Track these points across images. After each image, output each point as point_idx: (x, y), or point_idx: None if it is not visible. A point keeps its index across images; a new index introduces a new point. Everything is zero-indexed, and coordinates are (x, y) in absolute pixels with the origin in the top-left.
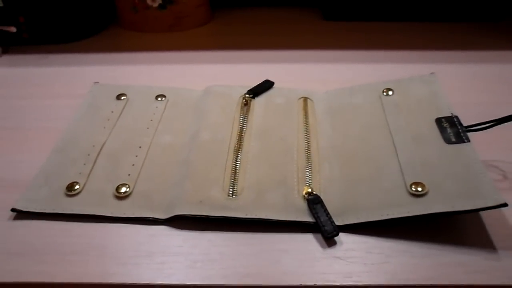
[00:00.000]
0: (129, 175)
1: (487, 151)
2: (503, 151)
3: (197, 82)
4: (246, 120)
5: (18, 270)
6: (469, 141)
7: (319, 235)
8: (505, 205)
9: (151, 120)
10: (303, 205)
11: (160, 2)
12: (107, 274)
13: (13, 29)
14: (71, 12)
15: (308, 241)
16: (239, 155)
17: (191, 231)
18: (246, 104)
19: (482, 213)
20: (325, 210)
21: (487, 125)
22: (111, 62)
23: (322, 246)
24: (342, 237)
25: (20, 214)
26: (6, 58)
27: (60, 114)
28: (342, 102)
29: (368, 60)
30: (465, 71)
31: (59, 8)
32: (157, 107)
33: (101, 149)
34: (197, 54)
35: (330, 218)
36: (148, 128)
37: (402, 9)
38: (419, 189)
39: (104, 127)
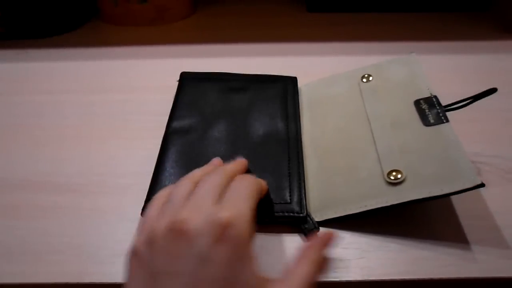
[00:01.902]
0: None
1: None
2: (477, 143)
3: (178, 76)
4: None
5: None
6: (448, 121)
7: (296, 232)
8: (482, 185)
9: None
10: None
11: None
12: (84, 274)
13: None
14: (51, 5)
15: (285, 238)
16: None
17: None
18: None
19: (456, 206)
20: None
21: (465, 102)
22: (92, 57)
23: (300, 243)
24: (319, 233)
25: None
26: None
27: (38, 111)
28: (320, 94)
29: (352, 51)
30: (449, 62)
31: (38, 1)
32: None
33: None
34: (179, 48)
35: (309, 215)
36: None
37: (386, 0)
38: (399, 176)
39: None
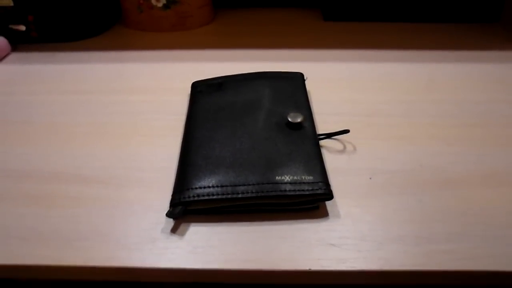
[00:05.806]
0: None
1: None
2: (491, 147)
3: (196, 79)
4: None
5: (26, 253)
6: None
7: (315, 223)
8: None
9: None
10: None
11: (164, 2)
12: (111, 259)
13: (22, 28)
14: (78, 12)
15: (305, 230)
16: None
17: (195, 222)
18: None
19: (467, 201)
20: None
21: (320, 137)
22: (116, 60)
23: (318, 235)
24: (336, 225)
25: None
26: (15, 55)
27: (67, 109)
28: None
29: (367, 59)
30: (461, 70)
31: (67, 8)
32: None
33: None
34: (199, 52)
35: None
36: None
37: (400, 10)
38: None
39: None
